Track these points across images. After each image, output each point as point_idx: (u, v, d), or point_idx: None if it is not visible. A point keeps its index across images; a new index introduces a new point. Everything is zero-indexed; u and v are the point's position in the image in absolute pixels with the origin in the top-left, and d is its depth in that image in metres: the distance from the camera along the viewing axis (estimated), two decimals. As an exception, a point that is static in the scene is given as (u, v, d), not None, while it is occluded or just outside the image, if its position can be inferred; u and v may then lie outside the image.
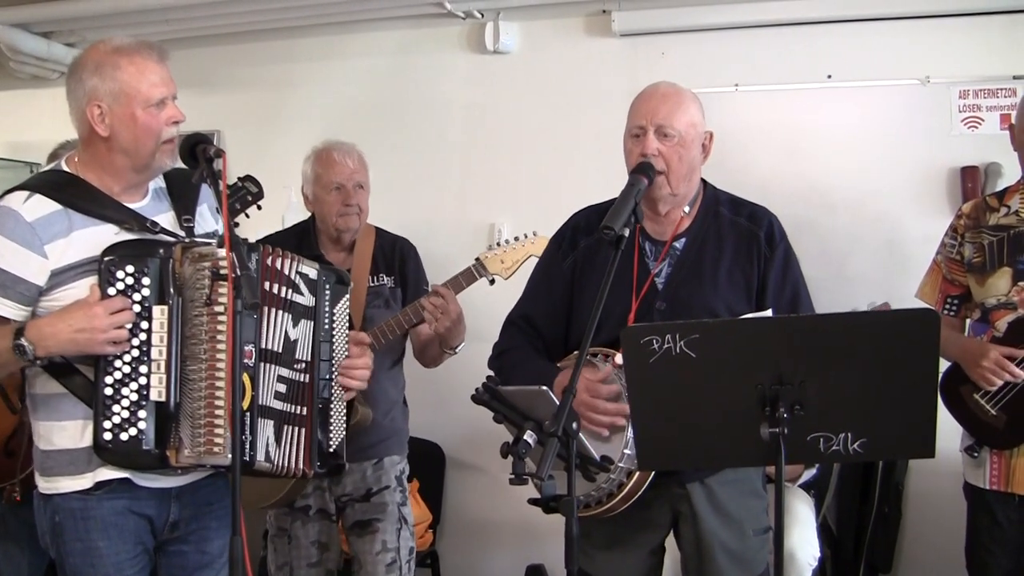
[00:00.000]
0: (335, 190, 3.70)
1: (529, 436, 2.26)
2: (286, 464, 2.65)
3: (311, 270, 2.73)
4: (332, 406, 2.77)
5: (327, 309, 2.76)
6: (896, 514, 4.31)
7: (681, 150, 2.82)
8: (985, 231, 3.28)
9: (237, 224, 3.63)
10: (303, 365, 2.69)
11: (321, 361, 2.73)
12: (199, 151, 2.55)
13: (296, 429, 2.66)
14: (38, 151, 3.83)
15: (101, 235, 2.54)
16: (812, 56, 4.44)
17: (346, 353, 2.83)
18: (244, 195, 3.86)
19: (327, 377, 2.75)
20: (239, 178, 3.88)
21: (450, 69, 4.99)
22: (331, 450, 2.76)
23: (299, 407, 2.67)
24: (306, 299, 2.70)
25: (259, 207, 3.91)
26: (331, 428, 2.76)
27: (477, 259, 3.58)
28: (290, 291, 2.66)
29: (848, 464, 4.18)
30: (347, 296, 2.84)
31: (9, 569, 3.79)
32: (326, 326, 2.76)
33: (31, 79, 5.45)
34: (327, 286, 2.77)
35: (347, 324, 2.84)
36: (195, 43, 5.22)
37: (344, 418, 2.82)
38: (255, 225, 3.84)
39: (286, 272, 2.65)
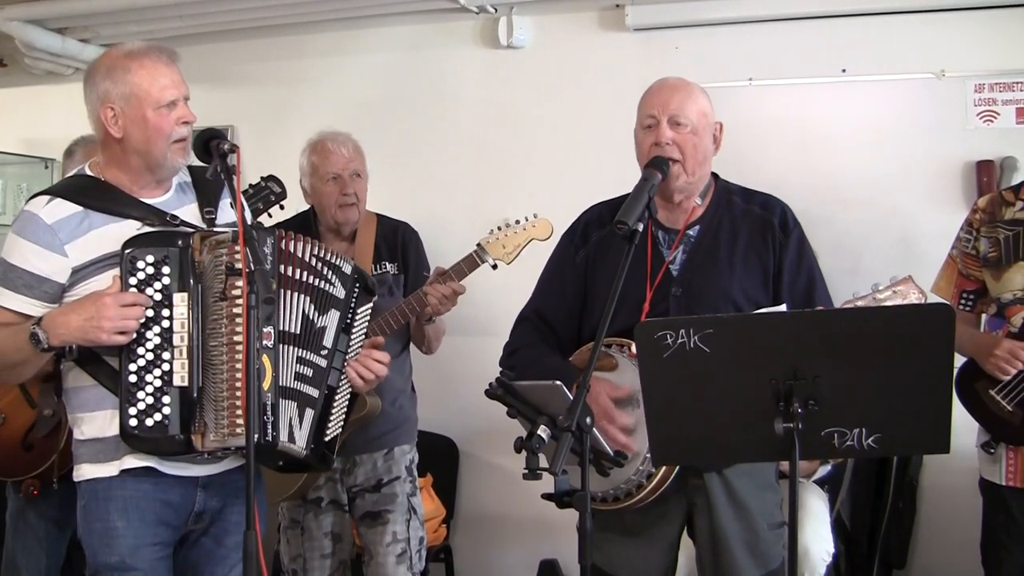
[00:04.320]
0: (332, 180, 3.70)
1: (543, 431, 2.26)
2: (310, 445, 2.69)
3: (347, 265, 2.81)
4: (337, 396, 2.80)
5: (352, 307, 2.83)
6: (911, 510, 4.30)
7: (694, 138, 2.82)
8: (1001, 226, 3.26)
9: (260, 224, 3.64)
10: (326, 351, 2.75)
11: (337, 351, 2.78)
12: (213, 147, 2.61)
13: (313, 412, 2.71)
14: (53, 146, 3.84)
15: (122, 230, 2.61)
16: (826, 50, 4.43)
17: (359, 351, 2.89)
18: (267, 195, 3.86)
19: (339, 368, 2.79)
20: (262, 178, 3.88)
21: (463, 64, 4.99)
22: (327, 439, 2.77)
23: (316, 390, 2.73)
24: (339, 290, 2.78)
25: (282, 207, 3.91)
26: (332, 417, 2.79)
27: (479, 244, 3.55)
28: (316, 279, 2.73)
29: (862, 460, 4.17)
30: (370, 304, 2.90)
31: (28, 563, 3.81)
32: (348, 320, 2.81)
33: (46, 75, 5.47)
34: (357, 285, 2.84)
35: (366, 328, 2.90)
36: (208, 39, 5.24)
37: (345, 412, 2.84)
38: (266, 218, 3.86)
39: (304, 257, 2.71)
